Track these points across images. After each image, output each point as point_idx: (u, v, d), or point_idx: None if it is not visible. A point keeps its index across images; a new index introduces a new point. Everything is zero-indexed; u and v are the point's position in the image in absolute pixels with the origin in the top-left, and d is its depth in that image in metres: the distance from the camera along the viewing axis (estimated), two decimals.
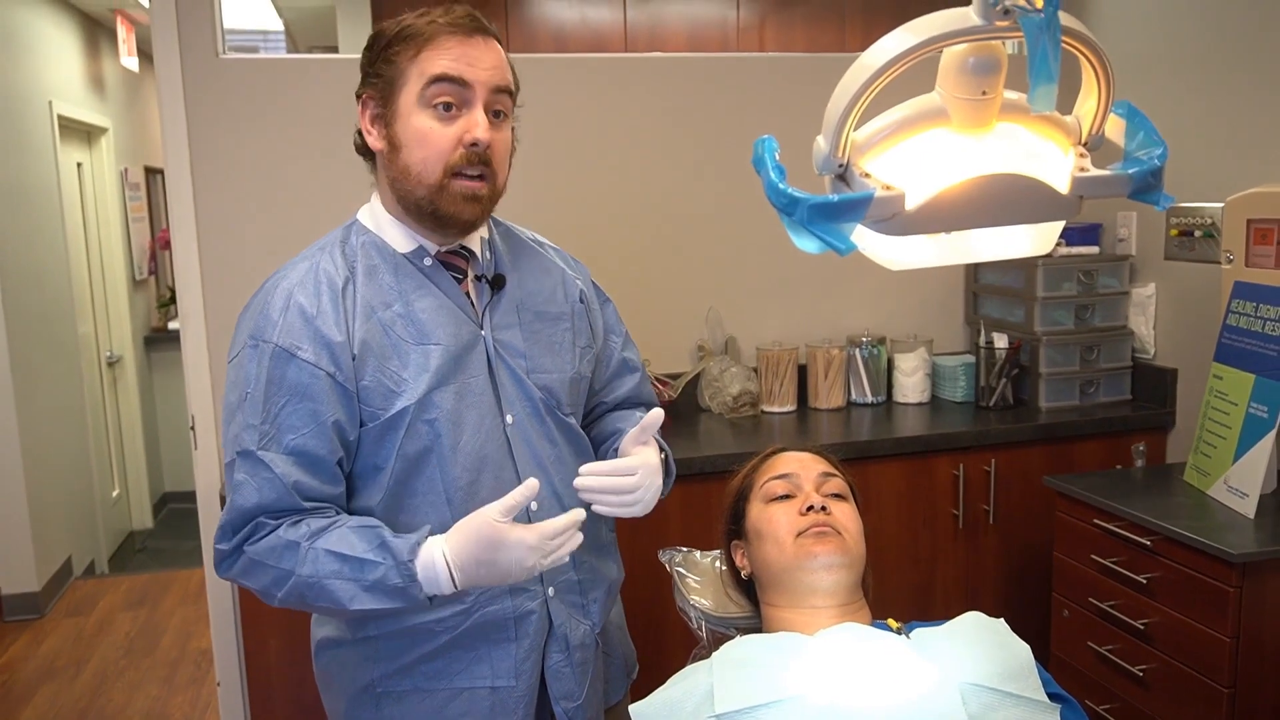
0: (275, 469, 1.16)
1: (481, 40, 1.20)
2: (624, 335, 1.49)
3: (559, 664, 1.32)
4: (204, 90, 2.30)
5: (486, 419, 1.25)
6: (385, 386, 1.20)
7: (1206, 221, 2.32)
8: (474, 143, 1.18)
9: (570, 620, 1.33)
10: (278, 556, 1.15)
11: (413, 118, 1.19)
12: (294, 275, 1.23)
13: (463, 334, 1.25)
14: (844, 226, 0.81)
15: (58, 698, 3.17)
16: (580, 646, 1.34)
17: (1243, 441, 1.91)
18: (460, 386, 1.24)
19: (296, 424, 1.17)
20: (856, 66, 0.80)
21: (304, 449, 1.17)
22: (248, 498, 1.16)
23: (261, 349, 1.19)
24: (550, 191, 1.27)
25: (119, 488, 4.96)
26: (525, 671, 1.29)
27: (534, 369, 1.30)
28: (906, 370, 2.65)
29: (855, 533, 1.29)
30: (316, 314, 1.19)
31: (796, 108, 2.42)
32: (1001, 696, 1.10)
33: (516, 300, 1.32)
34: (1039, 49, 0.73)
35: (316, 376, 1.17)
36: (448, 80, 1.17)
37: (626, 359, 1.49)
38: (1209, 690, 1.77)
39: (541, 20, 3.73)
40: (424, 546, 1.14)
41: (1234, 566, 1.72)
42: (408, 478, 1.23)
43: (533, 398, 1.30)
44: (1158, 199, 0.83)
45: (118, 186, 5.08)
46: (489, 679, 1.28)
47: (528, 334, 1.31)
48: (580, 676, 1.34)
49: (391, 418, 1.20)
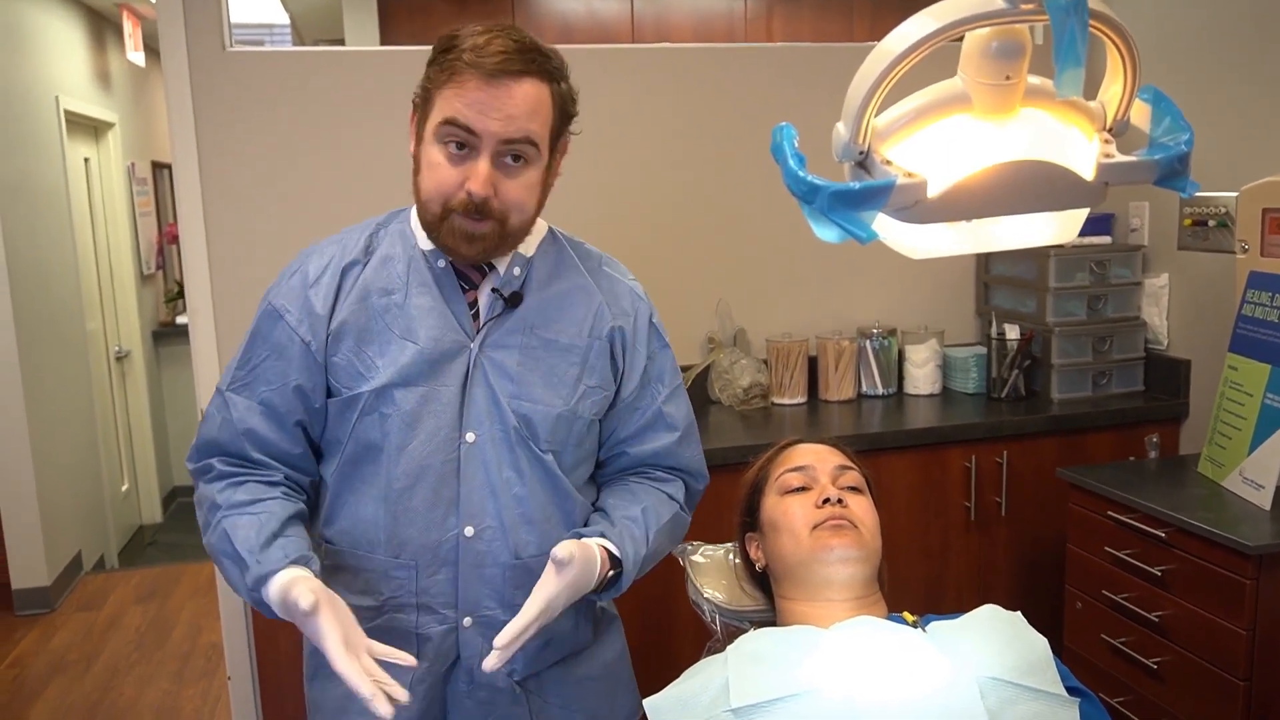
0: (235, 411, 1.25)
1: (507, 84, 1.13)
2: (673, 389, 1.37)
3: (461, 694, 1.28)
4: (211, 84, 2.29)
5: (442, 430, 1.22)
6: (355, 368, 1.23)
7: (1220, 211, 2.30)
8: (469, 194, 1.16)
9: (484, 657, 1.18)
10: (204, 509, 1.23)
11: (430, 147, 1.18)
12: (321, 245, 1.30)
13: (445, 340, 1.23)
14: (865, 214, 0.80)
15: (68, 692, 3.17)
16: (488, 686, 1.28)
17: (1258, 432, 1.90)
18: (428, 391, 1.22)
19: (270, 378, 1.25)
20: (878, 52, 0.79)
21: (270, 402, 1.25)
22: (209, 429, 1.26)
23: (264, 304, 1.28)
24: (558, 184, 1.26)
25: (128, 482, 4.97)
26: (418, 693, 1.25)
27: (519, 395, 1.24)
28: (917, 362, 2.64)
29: (871, 526, 1.28)
30: (314, 284, 1.25)
31: (805, 98, 2.41)
32: (1020, 690, 1.09)
33: (529, 322, 1.26)
34: (1066, 32, 0.71)
35: (293, 340, 1.24)
36: (456, 126, 1.14)
37: (666, 413, 1.35)
38: (1224, 683, 1.76)
39: (548, 12, 3.72)
40: (276, 580, 1.11)
41: (1249, 558, 1.70)
42: (357, 462, 1.25)
43: (506, 423, 1.23)
44: (1184, 185, 0.82)
45: (125, 181, 5.08)
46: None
47: (526, 358, 1.25)
48: (483, 713, 1.29)
49: (350, 398, 1.23)
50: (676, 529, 1.37)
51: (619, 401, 1.32)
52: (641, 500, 1.32)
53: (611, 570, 1.22)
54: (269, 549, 1.14)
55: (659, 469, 1.37)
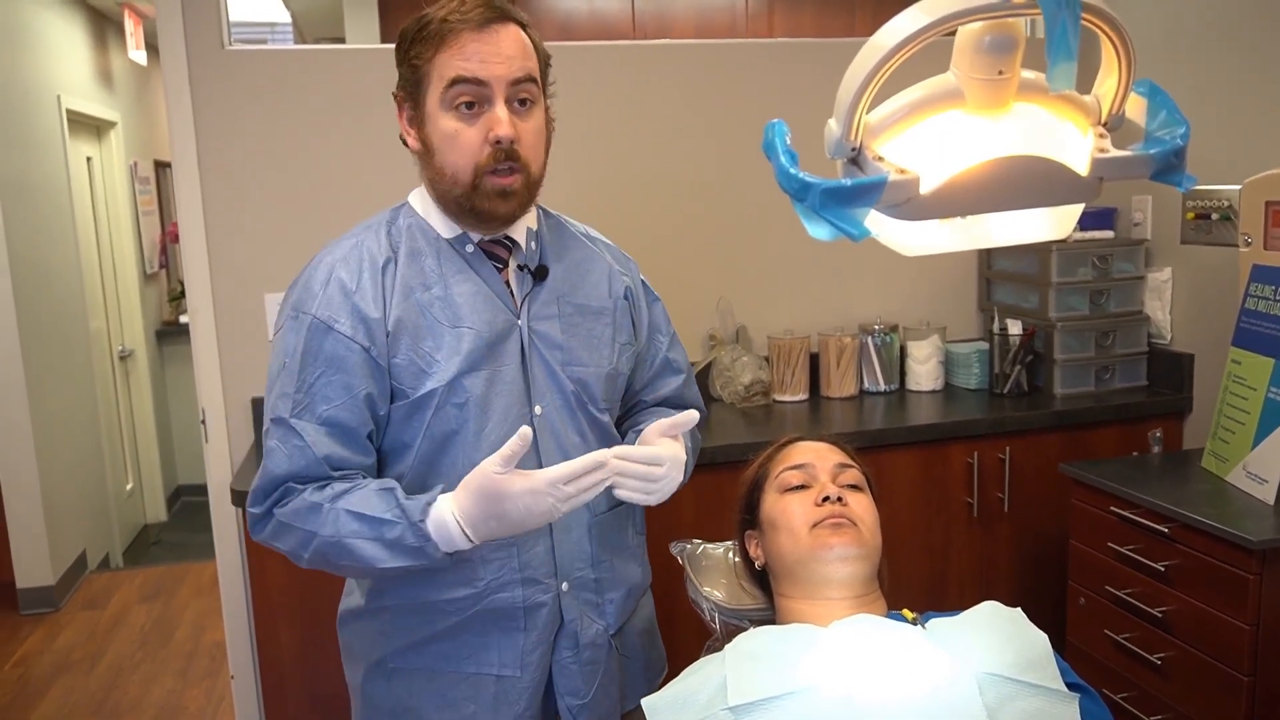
0: (306, 437, 1.20)
1: (496, 30, 1.19)
2: (670, 335, 1.47)
3: (567, 660, 1.32)
4: (211, 82, 2.29)
5: (514, 408, 1.26)
6: (417, 366, 1.22)
7: (1223, 204, 2.29)
8: (498, 140, 1.18)
9: (583, 618, 1.32)
10: (302, 518, 1.18)
11: (439, 121, 1.20)
12: (338, 252, 1.26)
13: (498, 321, 1.26)
14: (857, 212, 0.79)
15: (73, 691, 3.18)
16: (591, 645, 1.33)
17: (1262, 427, 1.89)
18: (491, 373, 1.25)
19: (330, 395, 1.20)
20: (869, 47, 0.78)
21: (336, 419, 1.20)
22: (279, 464, 1.20)
23: (301, 320, 1.22)
24: (558, 181, 1.26)
25: (132, 481, 4.98)
26: (531, 664, 1.29)
27: (569, 361, 1.29)
28: (919, 358, 2.63)
29: (871, 524, 1.28)
30: (356, 289, 1.22)
31: (806, 94, 2.40)
32: (1019, 686, 1.08)
33: (558, 292, 1.31)
34: (1058, 25, 0.71)
35: (351, 349, 1.21)
36: (465, 82, 1.17)
37: (671, 359, 1.46)
38: (1228, 678, 1.75)
39: (549, 9, 3.71)
40: (434, 506, 1.16)
41: (1253, 553, 1.70)
42: (434, 458, 1.25)
43: (565, 390, 1.29)
44: (1180, 180, 0.81)
45: (127, 180, 5.09)
46: (495, 667, 1.28)
47: (566, 326, 1.30)
48: (588, 676, 1.33)
49: (421, 397, 1.22)
50: (696, 446, 1.44)
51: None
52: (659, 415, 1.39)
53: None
54: (411, 500, 1.16)
55: (667, 406, 1.46)
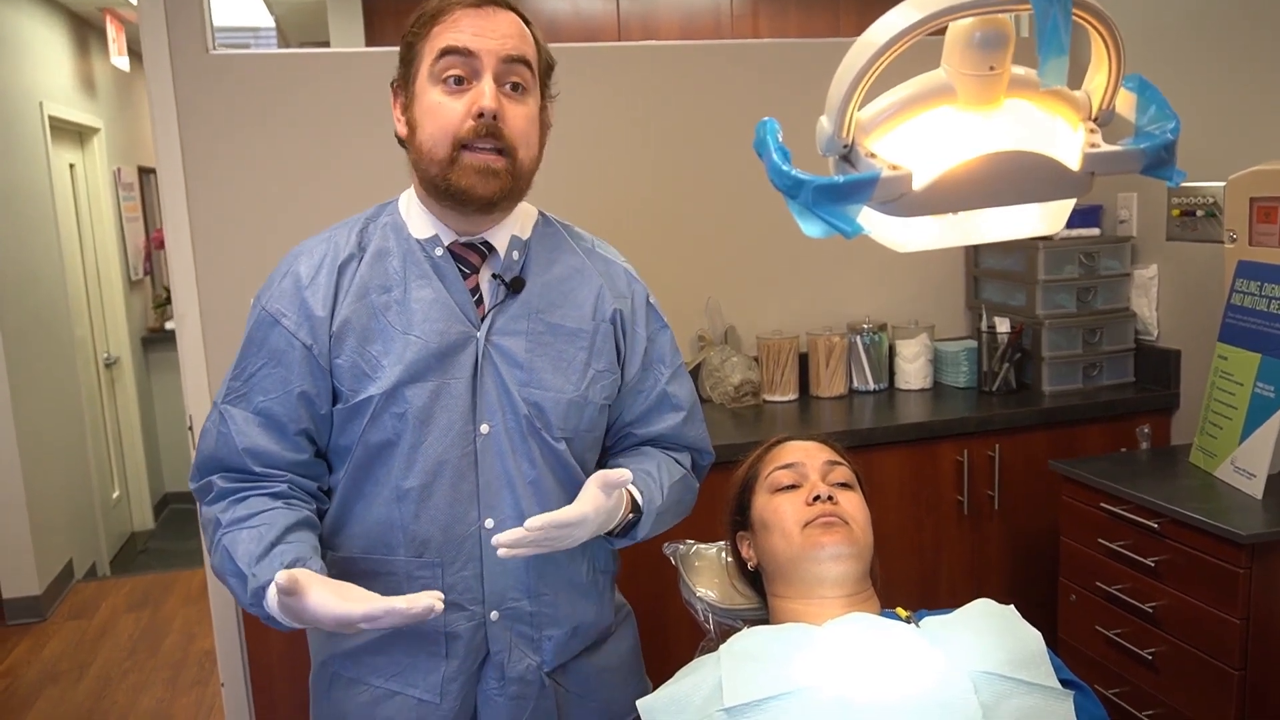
0: (233, 425, 1.20)
1: (492, 11, 1.17)
2: (675, 369, 1.37)
3: (493, 692, 1.26)
4: (194, 87, 2.27)
5: (457, 424, 1.20)
6: (360, 369, 1.20)
7: (1208, 201, 2.30)
8: (480, 113, 1.14)
9: (513, 650, 1.25)
10: (209, 533, 1.20)
11: (425, 95, 1.17)
12: (308, 245, 1.26)
13: (450, 332, 1.20)
14: (850, 208, 0.79)
15: (61, 702, 3.15)
16: (519, 680, 1.26)
17: (1249, 422, 1.90)
18: (438, 386, 1.20)
19: (267, 387, 1.20)
20: (860, 43, 0.78)
21: (269, 412, 1.20)
22: (206, 446, 1.23)
23: (255, 310, 1.23)
24: (543, 182, 1.25)
25: (119, 489, 4.94)
26: (451, 692, 1.24)
27: (529, 382, 1.22)
28: (908, 357, 2.64)
29: (863, 522, 1.27)
30: (309, 285, 1.21)
31: (792, 94, 2.40)
32: (1013, 684, 1.08)
33: (533, 308, 1.24)
34: (1048, 21, 0.71)
35: (293, 345, 1.20)
36: (454, 52, 1.14)
37: (670, 393, 1.35)
38: (1219, 672, 1.76)
39: (535, 11, 3.70)
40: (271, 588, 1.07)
41: (1243, 548, 1.70)
42: (368, 465, 1.22)
43: (518, 412, 1.22)
44: (1170, 174, 0.81)
45: (111, 187, 5.05)
46: (417, 690, 1.24)
47: (534, 345, 1.23)
48: (515, 710, 1.26)
49: (359, 403, 1.20)
50: (686, 493, 1.38)
51: (623, 385, 1.32)
52: (654, 459, 1.34)
53: (630, 515, 1.25)
54: (266, 558, 1.10)
55: (663, 445, 1.39)
